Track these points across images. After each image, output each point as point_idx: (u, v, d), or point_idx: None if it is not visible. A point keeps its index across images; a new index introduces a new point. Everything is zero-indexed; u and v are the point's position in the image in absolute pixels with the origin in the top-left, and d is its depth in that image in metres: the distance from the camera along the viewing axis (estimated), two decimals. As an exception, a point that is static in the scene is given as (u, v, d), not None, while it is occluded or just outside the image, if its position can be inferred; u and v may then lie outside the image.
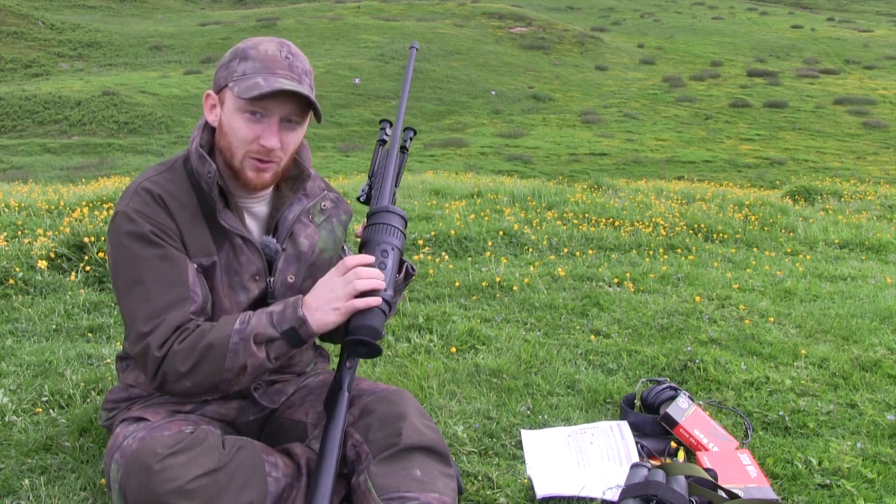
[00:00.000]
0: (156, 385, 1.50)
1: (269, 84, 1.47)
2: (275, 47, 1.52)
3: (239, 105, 1.50)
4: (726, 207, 6.78)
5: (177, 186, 1.56)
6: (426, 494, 1.43)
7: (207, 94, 1.58)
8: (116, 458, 1.46)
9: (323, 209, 1.74)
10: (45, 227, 4.40)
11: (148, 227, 1.51)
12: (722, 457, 1.92)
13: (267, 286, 1.62)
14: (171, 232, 1.53)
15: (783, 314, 3.38)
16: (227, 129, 1.53)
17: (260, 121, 1.51)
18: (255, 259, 1.60)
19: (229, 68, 1.52)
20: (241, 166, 1.54)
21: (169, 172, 1.59)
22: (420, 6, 63.93)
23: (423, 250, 4.62)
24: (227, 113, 1.52)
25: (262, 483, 1.45)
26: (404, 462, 1.47)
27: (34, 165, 25.41)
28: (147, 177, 1.58)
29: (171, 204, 1.54)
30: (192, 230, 1.55)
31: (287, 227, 1.65)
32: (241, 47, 1.54)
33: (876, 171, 25.72)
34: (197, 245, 1.55)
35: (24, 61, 46.77)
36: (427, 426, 1.55)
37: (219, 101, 1.55)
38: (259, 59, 1.50)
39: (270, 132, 1.51)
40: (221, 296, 1.58)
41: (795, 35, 62.65)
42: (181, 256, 1.52)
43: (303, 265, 1.67)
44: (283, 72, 1.50)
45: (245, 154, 1.52)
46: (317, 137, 31.63)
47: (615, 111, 39.45)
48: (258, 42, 1.54)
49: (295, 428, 1.68)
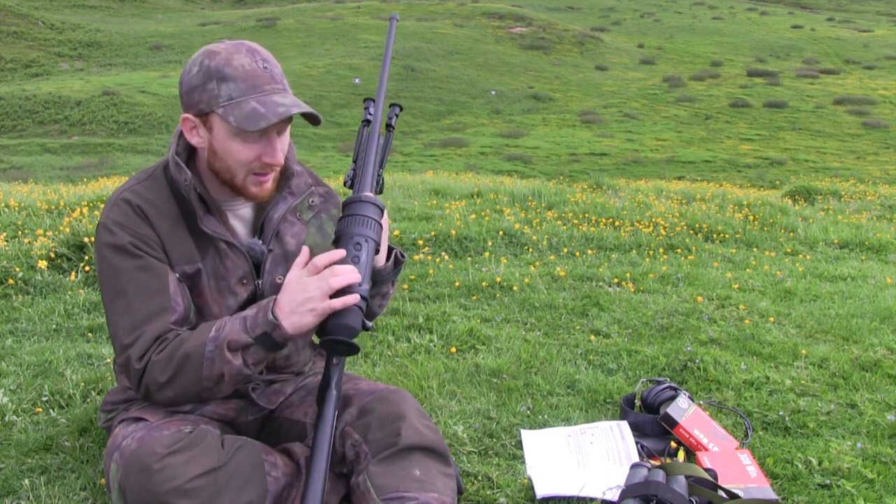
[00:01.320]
0: (141, 395, 1.51)
1: (271, 110, 1.43)
2: (248, 59, 1.46)
3: (234, 130, 1.46)
4: (726, 207, 6.78)
5: (157, 195, 1.55)
6: (425, 494, 1.43)
7: (185, 118, 1.51)
8: (116, 458, 1.46)
9: (311, 205, 1.72)
10: (45, 227, 4.40)
11: (128, 238, 1.50)
12: (722, 457, 1.92)
13: (255, 289, 1.61)
14: (152, 242, 1.52)
15: (783, 314, 3.38)
16: (222, 154, 1.50)
17: (258, 140, 1.48)
18: (240, 262, 1.59)
19: (207, 91, 1.45)
20: (244, 184, 1.52)
21: (149, 181, 1.58)
22: (420, 6, 63.94)
23: (423, 250, 4.62)
24: (220, 139, 1.48)
25: (262, 482, 1.45)
26: (403, 462, 1.47)
27: (34, 165, 25.41)
28: (127, 186, 1.57)
29: (151, 213, 1.53)
30: (174, 238, 1.54)
31: (273, 227, 1.63)
32: (214, 66, 1.45)
33: (876, 171, 25.73)
34: (179, 253, 1.54)
35: (24, 61, 46.79)
36: (426, 426, 1.55)
37: (202, 125, 1.49)
38: (241, 79, 1.44)
39: (273, 148, 1.49)
40: (210, 301, 1.57)
41: (795, 35, 62.66)
42: (162, 266, 1.52)
43: (289, 264, 1.64)
44: (270, 86, 1.46)
45: (247, 173, 1.51)
46: (317, 137, 31.65)
47: (615, 111, 39.46)
48: (228, 57, 1.46)
49: (294, 428, 1.67)
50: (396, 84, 41.11)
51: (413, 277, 3.90)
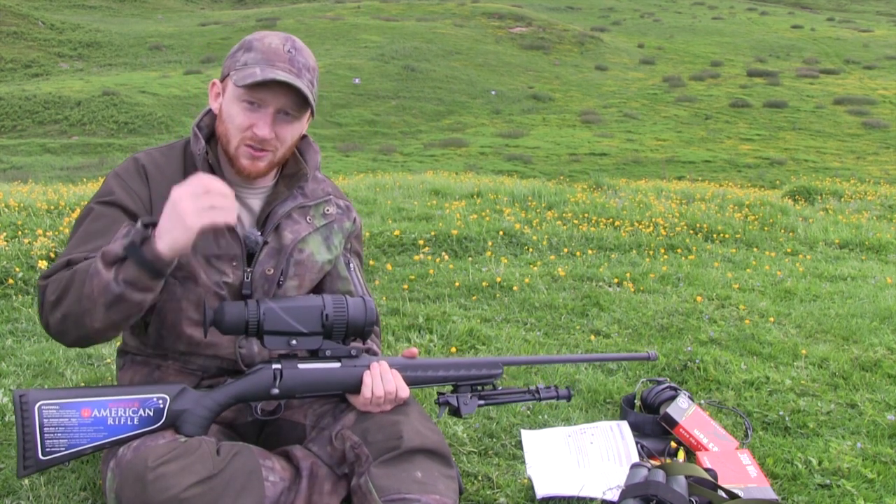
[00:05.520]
0: (42, 323, 1.47)
1: (265, 74, 1.50)
2: (279, 41, 1.55)
3: (237, 94, 1.53)
4: (726, 207, 6.78)
5: (168, 162, 1.62)
6: (427, 496, 1.43)
7: (213, 83, 1.62)
8: (112, 467, 1.44)
9: (326, 214, 1.73)
10: (45, 227, 4.40)
11: (116, 190, 1.56)
12: (722, 457, 1.92)
13: (244, 275, 1.61)
14: (137, 198, 1.56)
15: (783, 314, 3.38)
16: (225, 117, 1.57)
17: (256, 110, 1.53)
18: (233, 245, 1.60)
19: (234, 58, 1.56)
20: (237, 153, 1.56)
21: (167, 148, 1.66)
22: (420, 6, 63.93)
23: (424, 250, 4.62)
24: (227, 101, 1.56)
25: (259, 488, 1.43)
26: (405, 464, 1.47)
27: (34, 165, 25.39)
28: (146, 150, 1.65)
29: (153, 174, 1.59)
30: (165, 202, 1.52)
31: (275, 220, 1.65)
32: (249, 39, 1.58)
33: (876, 171, 25.70)
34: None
35: (24, 61, 46.76)
36: (429, 428, 1.55)
37: (222, 90, 1.59)
38: (261, 51, 1.53)
39: (264, 122, 1.53)
40: (197, 268, 1.57)
41: (795, 35, 62.64)
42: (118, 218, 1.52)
43: (283, 258, 1.65)
44: (283, 64, 1.52)
45: (240, 141, 1.55)
46: (317, 137, 31.45)
47: (615, 111, 39.43)
48: (264, 35, 1.58)
49: (294, 430, 1.67)
50: (396, 84, 41.10)
51: (413, 277, 3.90)
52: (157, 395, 1.47)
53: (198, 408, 1.49)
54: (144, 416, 1.46)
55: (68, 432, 1.41)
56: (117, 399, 1.45)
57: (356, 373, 1.56)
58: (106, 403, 1.44)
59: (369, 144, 31.64)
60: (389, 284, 3.81)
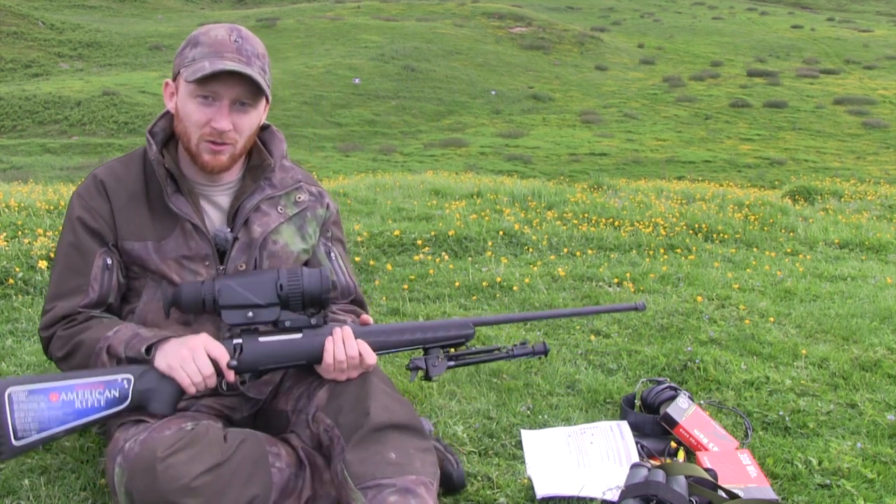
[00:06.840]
0: (48, 358, 1.65)
1: (214, 66, 1.51)
2: (225, 32, 1.57)
3: (190, 90, 1.54)
4: (726, 207, 6.78)
5: (127, 172, 1.65)
6: (403, 478, 1.41)
7: (166, 83, 1.63)
8: (119, 462, 1.44)
9: (298, 202, 1.74)
10: (45, 227, 4.40)
11: (78, 211, 1.62)
12: (722, 457, 1.92)
13: (217, 273, 1.63)
14: (99, 215, 1.60)
15: (783, 314, 3.38)
16: (182, 115, 1.58)
17: (211, 104, 1.55)
18: (203, 245, 1.62)
19: (182, 55, 1.57)
20: (198, 150, 1.58)
21: (127, 158, 1.69)
22: (420, 6, 63.93)
23: (423, 250, 4.62)
24: (181, 99, 1.58)
25: (266, 476, 1.44)
26: (377, 445, 1.45)
27: (34, 165, 25.38)
28: (107, 163, 1.69)
29: (112, 187, 1.62)
30: (129, 213, 1.61)
31: (244, 215, 1.66)
32: (194, 34, 1.59)
33: (876, 171, 25.71)
34: (130, 228, 1.61)
35: (24, 61, 46.76)
36: (396, 401, 1.54)
37: (175, 89, 1.61)
38: (208, 44, 1.54)
39: (221, 114, 1.55)
40: (171, 272, 1.61)
41: (795, 35, 62.65)
42: (91, 248, 1.60)
43: (254, 252, 1.66)
44: (231, 55, 1.54)
45: (200, 137, 1.57)
46: (316, 137, 31.64)
47: (615, 111, 39.44)
48: (210, 28, 1.59)
49: (278, 418, 1.67)
50: (396, 84, 41.10)
51: (413, 277, 3.90)
52: (122, 375, 1.51)
53: (162, 385, 1.51)
54: (110, 398, 1.49)
55: (38, 417, 1.44)
56: (83, 382, 1.49)
57: (318, 341, 1.57)
58: (73, 387, 1.47)
59: (369, 144, 31.63)
60: (389, 284, 3.81)
